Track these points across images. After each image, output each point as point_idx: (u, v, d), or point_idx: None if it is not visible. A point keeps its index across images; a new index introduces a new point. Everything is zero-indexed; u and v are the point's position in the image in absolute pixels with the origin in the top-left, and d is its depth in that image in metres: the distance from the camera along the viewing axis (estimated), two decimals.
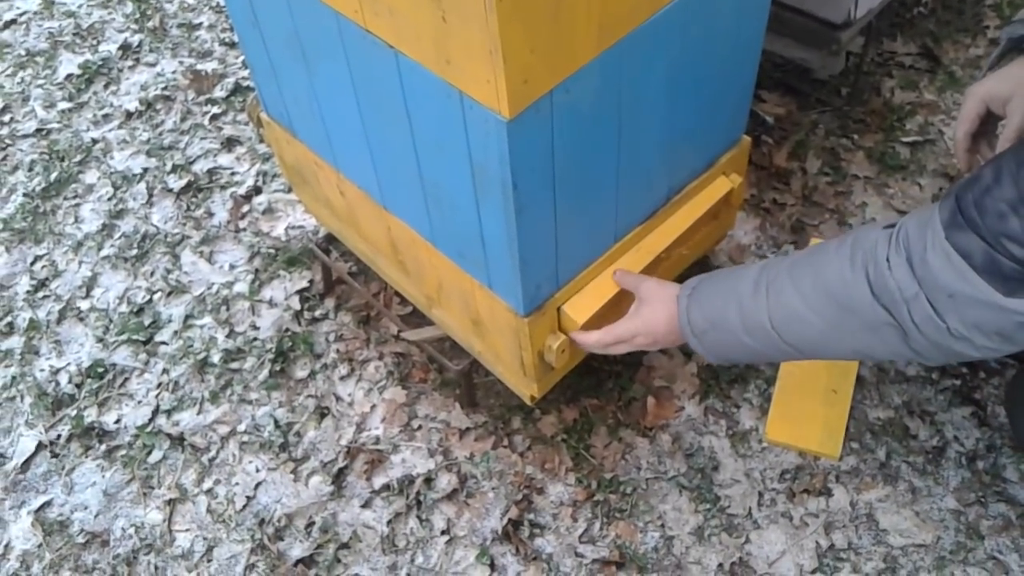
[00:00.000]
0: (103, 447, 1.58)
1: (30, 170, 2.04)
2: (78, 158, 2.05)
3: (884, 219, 1.05)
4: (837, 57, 1.72)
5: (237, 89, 2.17)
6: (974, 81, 1.26)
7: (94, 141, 2.09)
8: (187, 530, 1.48)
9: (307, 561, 1.42)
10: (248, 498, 1.49)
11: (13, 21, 2.42)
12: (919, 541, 1.38)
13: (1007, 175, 0.93)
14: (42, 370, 1.68)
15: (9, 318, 1.77)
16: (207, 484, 1.52)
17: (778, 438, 1.48)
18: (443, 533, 1.44)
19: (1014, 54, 1.22)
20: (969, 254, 0.96)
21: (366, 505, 1.47)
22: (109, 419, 1.61)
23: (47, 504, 1.52)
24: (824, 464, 1.46)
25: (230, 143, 2.05)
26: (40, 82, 2.25)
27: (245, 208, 1.91)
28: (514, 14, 0.83)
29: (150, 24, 2.37)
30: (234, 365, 1.66)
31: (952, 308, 0.98)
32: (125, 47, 2.31)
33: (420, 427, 1.55)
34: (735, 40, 1.20)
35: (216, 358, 1.67)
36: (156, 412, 1.61)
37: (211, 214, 1.91)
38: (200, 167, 2.00)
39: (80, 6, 2.44)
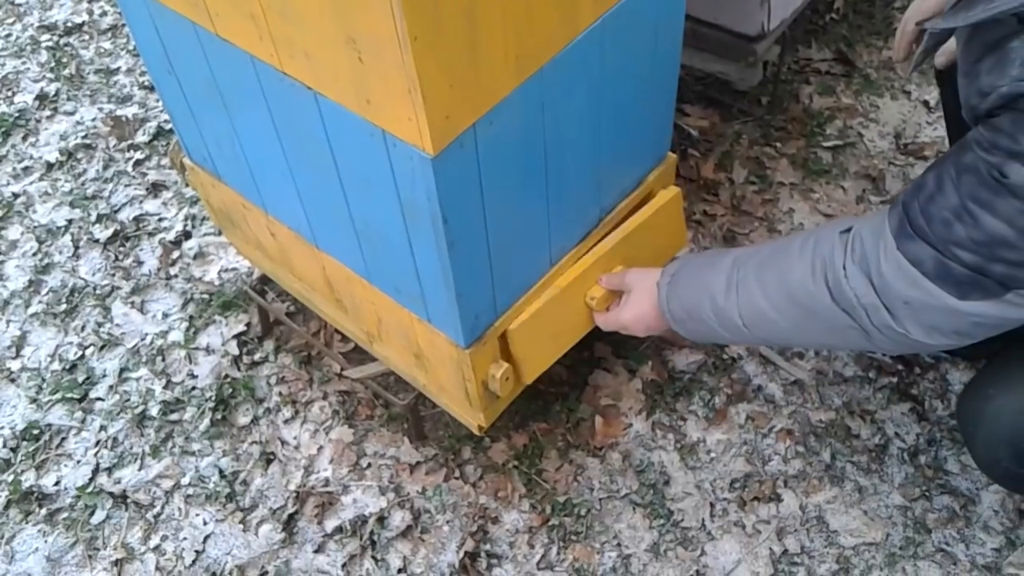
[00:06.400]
0: (44, 511, 1.53)
1: None
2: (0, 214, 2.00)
3: (839, 221, 1.09)
4: (754, 68, 1.75)
5: (160, 133, 2.13)
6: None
7: (15, 195, 2.03)
8: None
9: None
10: (197, 552, 1.46)
11: None
12: (869, 539, 1.40)
13: (948, 182, 0.94)
14: None
15: None
16: (154, 541, 1.48)
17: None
18: (400, 572, 1.42)
19: None
20: (920, 262, 0.97)
21: (319, 550, 1.45)
22: (48, 482, 1.56)
23: None
24: (772, 469, 1.48)
25: (156, 188, 2.01)
26: None
27: (175, 254, 1.88)
28: (430, 51, 0.83)
29: (66, 72, 2.32)
30: (174, 417, 1.62)
31: (909, 314, 1.01)
32: (42, 97, 2.26)
33: (370, 465, 1.54)
34: (653, 59, 1.21)
35: (155, 411, 1.63)
36: (96, 471, 1.57)
37: (140, 263, 1.87)
38: (126, 215, 1.96)
39: None
